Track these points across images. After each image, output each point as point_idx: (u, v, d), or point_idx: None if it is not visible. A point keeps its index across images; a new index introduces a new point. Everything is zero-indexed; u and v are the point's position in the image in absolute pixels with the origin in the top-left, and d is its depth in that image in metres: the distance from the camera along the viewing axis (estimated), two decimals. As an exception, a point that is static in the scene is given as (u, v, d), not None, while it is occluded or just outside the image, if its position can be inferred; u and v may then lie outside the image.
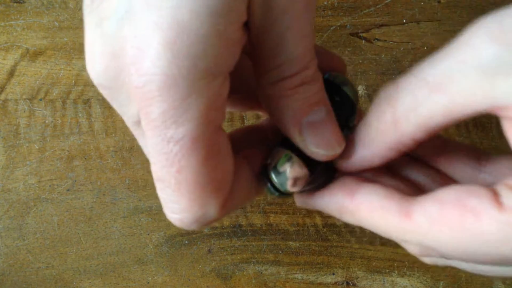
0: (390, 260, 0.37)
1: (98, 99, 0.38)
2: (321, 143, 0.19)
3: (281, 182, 0.20)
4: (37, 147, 0.38)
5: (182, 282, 0.37)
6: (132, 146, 0.38)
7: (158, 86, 0.14)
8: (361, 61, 0.37)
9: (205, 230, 0.37)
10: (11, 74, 0.38)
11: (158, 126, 0.15)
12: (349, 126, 0.21)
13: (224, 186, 0.18)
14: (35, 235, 0.37)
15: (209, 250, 0.37)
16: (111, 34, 0.15)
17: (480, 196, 0.16)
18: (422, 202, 0.17)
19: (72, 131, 0.38)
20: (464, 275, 0.36)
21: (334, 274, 0.37)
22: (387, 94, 0.18)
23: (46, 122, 0.38)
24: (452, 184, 0.18)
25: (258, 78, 0.18)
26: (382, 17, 0.37)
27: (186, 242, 0.37)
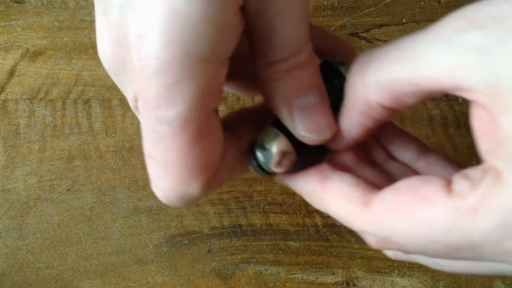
0: (390, 260, 0.37)
1: (98, 99, 0.38)
2: (311, 128, 0.19)
3: (266, 160, 0.19)
4: (37, 147, 0.38)
5: (182, 282, 0.37)
6: (132, 146, 0.38)
7: (154, 70, 0.15)
8: (361, 61, 0.37)
9: (205, 230, 0.37)
10: (11, 74, 0.38)
11: (152, 107, 0.16)
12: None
13: (209, 168, 0.18)
14: (35, 235, 0.37)
15: (209, 250, 0.37)
16: (115, 22, 0.16)
17: (433, 183, 0.16)
18: (382, 192, 0.18)
19: (72, 131, 0.38)
20: (464, 275, 0.36)
21: (334, 274, 0.37)
22: (361, 60, 0.18)
23: (46, 122, 0.38)
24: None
25: (253, 61, 0.19)
26: (382, 17, 0.37)
27: (186, 242, 0.37)
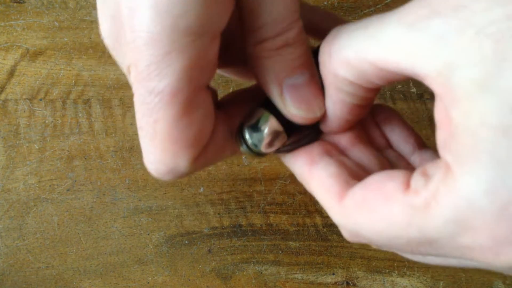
0: (390, 260, 0.37)
1: (98, 99, 0.38)
2: (301, 105, 0.19)
3: (255, 141, 0.20)
4: (37, 147, 0.38)
5: (182, 282, 0.37)
6: (132, 146, 0.38)
7: (144, 41, 0.15)
8: (361, 61, 0.37)
9: (205, 230, 0.37)
10: (11, 74, 0.38)
11: (143, 77, 0.16)
12: None
13: (198, 143, 0.18)
14: (35, 235, 0.37)
15: (209, 250, 0.37)
16: None
17: (394, 180, 0.16)
18: (355, 186, 0.18)
19: (72, 131, 0.38)
20: (464, 275, 0.36)
21: (334, 274, 0.37)
22: (330, 36, 0.18)
23: (46, 122, 0.38)
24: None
25: (244, 40, 0.19)
26: (382, 17, 0.37)
27: (186, 242, 0.37)
